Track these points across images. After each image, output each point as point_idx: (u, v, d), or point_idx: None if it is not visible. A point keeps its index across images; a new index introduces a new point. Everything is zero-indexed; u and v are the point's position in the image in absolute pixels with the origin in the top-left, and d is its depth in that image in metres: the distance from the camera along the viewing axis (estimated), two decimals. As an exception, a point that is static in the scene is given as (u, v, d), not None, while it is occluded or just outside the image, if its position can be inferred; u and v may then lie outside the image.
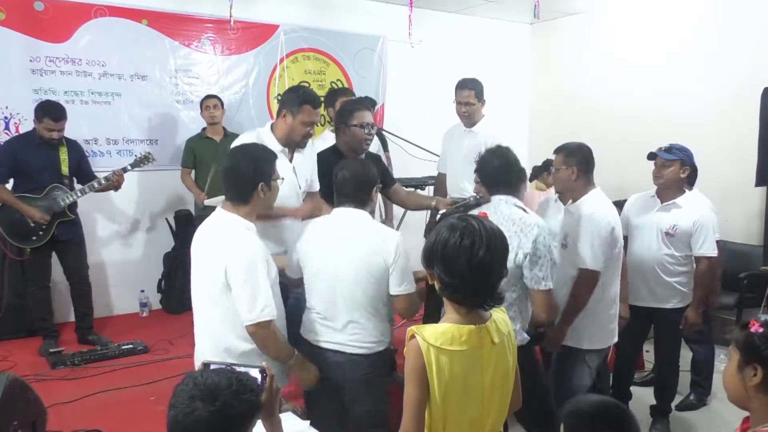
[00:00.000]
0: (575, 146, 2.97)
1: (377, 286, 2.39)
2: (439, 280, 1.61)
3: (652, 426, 3.57)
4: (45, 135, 3.99)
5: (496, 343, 1.64)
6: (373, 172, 2.54)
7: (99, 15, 4.80)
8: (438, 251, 1.59)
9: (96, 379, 3.69)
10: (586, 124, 6.01)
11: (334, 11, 5.87)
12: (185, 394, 1.30)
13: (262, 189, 2.28)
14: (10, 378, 2.19)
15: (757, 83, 4.75)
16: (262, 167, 2.31)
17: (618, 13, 6.22)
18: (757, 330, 1.45)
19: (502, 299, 1.65)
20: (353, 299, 2.39)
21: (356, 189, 2.46)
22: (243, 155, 2.36)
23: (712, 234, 3.39)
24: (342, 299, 2.40)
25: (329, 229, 2.48)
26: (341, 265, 2.39)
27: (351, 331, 2.41)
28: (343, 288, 2.39)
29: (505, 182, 2.67)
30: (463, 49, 6.47)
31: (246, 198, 2.29)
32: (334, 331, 2.43)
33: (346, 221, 2.46)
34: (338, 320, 2.42)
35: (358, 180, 2.47)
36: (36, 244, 4.00)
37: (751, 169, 4.70)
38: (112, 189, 4.27)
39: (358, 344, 2.42)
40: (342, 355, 2.42)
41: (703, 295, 3.44)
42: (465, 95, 4.09)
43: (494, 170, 2.69)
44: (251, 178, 2.27)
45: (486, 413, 1.67)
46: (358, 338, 2.42)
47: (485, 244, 1.57)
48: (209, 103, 4.80)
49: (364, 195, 2.48)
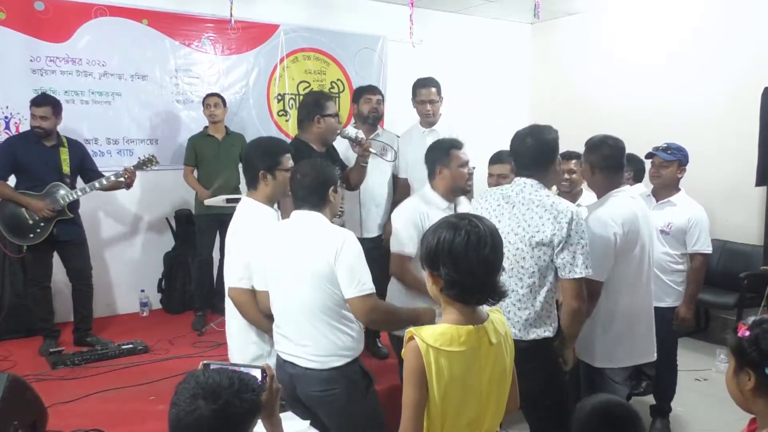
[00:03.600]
0: (597, 141, 2.83)
1: (329, 292, 2.20)
2: (446, 280, 1.60)
3: (651, 426, 3.57)
4: (31, 123, 3.98)
5: (493, 343, 1.64)
6: (329, 172, 2.39)
7: (99, 15, 4.80)
8: (444, 251, 1.58)
9: (96, 379, 3.69)
10: (586, 124, 5.99)
11: (334, 11, 5.87)
12: (187, 392, 1.31)
13: (264, 177, 2.47)
14: (10, 378, 2.19)
15: (757, 83, 4.76)
16: (267, 158, 2.49)
17: (618, 13, 6.22)
18: (744, 334, 1.42)
19: (505, 293, 1.66)
20: (303, 307, 2.22)
21: (310, 191, 2.32)
22: (253, 145, 2.61)
23: (706, 231, 3.41)
24: (293, 308, 2.25)
25: (284, 233, 2.35)
26: (290, 270, 2.25)
27: (303, 342, 2.24)
28: (294, 295, 2.25)
29: (534, 164, 2.48)
30: (463, 49, 6.48)
31: (253, 184, 2.50)
32: (289, 342, 2.28)
33: (298, 225, 2.33)
34: (290, 329, 2.27)
35: (313, 181, 2.33)
36: (33, 242, 3.99)
37: (751, 169, 4.71)
38: (123, 187, 4.25)
39: (310, 357, 2.23)
40: (296, 368, 2.26)
41: (696, 291, 3.45)
42: (432, 93, 4.00)
43: (525, 150, 2.50)
44: (255, 166, 2.49)
45: (483, 414, 1.67)
46: (310, 350, 2.23)
47: (490, 241, 1.60)
48: (210, 101, 4.80)
49: (319, 197, 2.32)
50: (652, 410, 3.62)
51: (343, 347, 2.24)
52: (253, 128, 5.49)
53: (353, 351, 2.28)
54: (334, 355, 2.22)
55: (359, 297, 2.17)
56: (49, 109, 4.00)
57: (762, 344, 1.39)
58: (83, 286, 4.27)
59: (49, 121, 4.00)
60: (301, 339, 2.24)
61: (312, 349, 2.22)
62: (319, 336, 2.21)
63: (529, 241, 2.38)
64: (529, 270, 2.39)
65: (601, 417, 1.56)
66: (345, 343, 2.24)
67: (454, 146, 2.89)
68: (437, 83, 4.08)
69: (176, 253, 5.17)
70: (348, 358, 2.25)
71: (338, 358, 2.23)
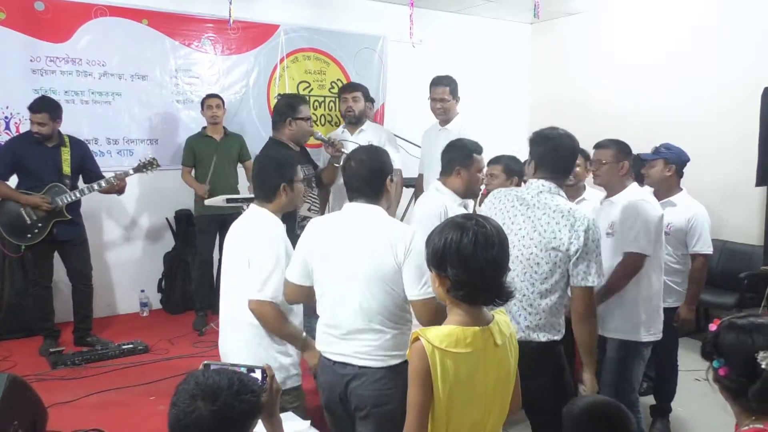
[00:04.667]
0: (623, 142, 3.01)
1: (389, 290, 2.10)
2: (454, 281, 1.59)
3: (652, 426, 3.57)
4: (33, 129, 3.99)
5: (498, 345, 1.64)
6: (386, 160, 2.25)
7: (99, 15, 4.80)
8: (453, 252, 1.58)
9: (96, 379, 3.70)
10: (586, 124, 5.99)
11: (334, 11, 5.87)
12: (187, 393, 1.31)
13: (284, 189, 2.46)
14: (10, 378, 2.19)
15: (757, 83, 4.76)
16: (286, 171, 2.50)
17: (618, 13, 6.22)
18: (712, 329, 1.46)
19: (512, 294, 1.65)
20: (361, 305, 2.12)
21: (367, 181, 2.18)
22: (268, 159, 2.62)
23: (707, 231, 3.41)
24: (349, 305, 2.14)
25: (338, 227, 2.22)
26: (347, 266, 2.14)
27: (359, 341, 2.13)
28: (350, 292, 2.13)
29: (551, 167, 2.45)
30: (463, 49, 6.48)
31: (270, 197, 2.48)
32: (340, 341, 2.17)
33: (354, 218, 2.19)
34: (344, 328, 2.15)
35: (370, 170, 2.19)
36: (31, 242, 3.99)
37: (751, 169, 4.70)
38: (114, 193, 4.26)
39: (367, 356, 2.13)
40: (349, 368, 2.15)
41: (697, 292, 3.46)
42: (440, 92, 4.10)
43: (543, 151, 2.46)
44: (275, 179, 2.47)
45: (487, 415, 1.67)
46: (368, 349, 2.13)
47: (497, 241, 1.60)
48: (211, 102, 4.79)
49: (376, 187, 2.19)
50: (653, 410, 3.62)
51: (400, 347, 2.13)
52: (253, 128, 5.49)
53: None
54: (390, 354, 2.13)
55: (423, 300, 2.07)
56: (46, 116, 3.97)
57: (718, 340, 1.42)
58: (83, 286, 4.28)
59: (46, 127, 3.98)
60: (361, 338, 2.13)
61: (369, 348, 2.12)
62: (376, 335, 2.12)
63: (544, 246, 2.35)
64: (542, 275, 2.37)
65: (593, 416, 1.56)
66: (401, 343, 2.14)
67: (476, 151, 2.95)
68: (450, 82, 4.14)
69: (176, 253, 5.17)
70: (403, 357, 2.08)
71: (395, 357, 2.13)
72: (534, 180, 2.48)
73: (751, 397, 1.37)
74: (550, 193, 2.42)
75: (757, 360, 1.35)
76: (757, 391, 1.36)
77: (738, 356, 1.38)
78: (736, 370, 1.38)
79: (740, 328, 1.41)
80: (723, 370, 1.40)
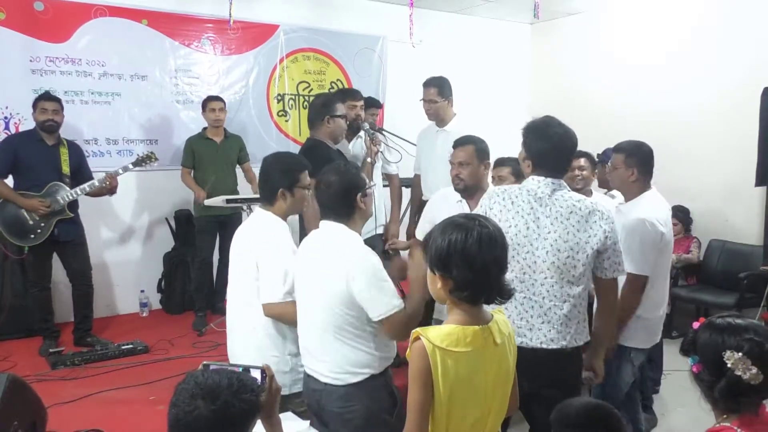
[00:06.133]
0: (635, 146, 2.88)
1: (346, 310, 2.08)
2: (458, 281, 1.59)
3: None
4: (41, 119, 4.00)
5: (498, 344, 1.64)
6: (354, 176, 2.23)
7: (99, 15, 4.81)
8: (458, 252, 1.57)
9: (96, 379, 3.70)
10: (585, 124, 5.97)
11: (334, 11, 5.87)
12: (186, 392, 1.31)
13: (282, 195, 2.43)
14: (10, 378, 2.18)
15: (757, 83, 4.76)
16: (287, 175, 2.46)
17: (618, 13, 6.22)
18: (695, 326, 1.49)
19: (511, 293, 1.66)
20: (320, 323, 2.13)
21: (335, 200, 2.18)
22: (272, 162, 2.53)
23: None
24: (312, 323, 2.17)
25: (311, 244, 2.25)
26: (311, 285, 2.17)
27: (322, 357, 2.14)
28: (312, 311, 2.16)
29: (553, 166, 2.32)
30: (463, 49, 6.48)
31: (270, 200, 2.46)
32: (311, 356, 2.20)
33: (322, 237, 2.21)
34: (312, 344, 2.18)
35: (338, 190, 2.17)
36: (34, 242, 3.99)
37: (751, 169, 4.70)
38: (106, 194, 4.26)
39: (331, 373, 2.12)
40: (317, 383, 2.17)
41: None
42: (429, 93, 4.06)
43: (544, 150, 2.32)
44: (274, 183, 2.45)
45: (487, 414, 1.68)
46: (330, 366, 2.12)
47: (500, 241, 1.62)
48: (215, 105, 4.76)
49: (345, 205, 2.18)
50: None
51: (359, 364, 2.11)
52: (253, 128, 5.50)
53: (370, 368, 2.13)
54: (350, 372, 2.11)
55: (386, 317, 2.04)
56: (58, 104, 4.07)
57: (696, 338, 1.48)
58: (83, 287, 4.28)
59: (59, 116, 4.07)
60: (321, 354, 2.15)
61: (330, 365, 2.13)
62: (334, 352, 2.11)
63: (581, 248, 2.24)
64: (577, 277, 2.26)
65: (585, 421, 1.56)
66: (361, 360, 2.11)
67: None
68: (439, 83, 4.05)
69: (176, 254, 5.17)
70: (365, 375, 2.12)
71: (355, 375, 2.11)
72: (537, 177, 2.31)
73: (717, 395, 1.44)
74: (564, 189, 2.31)
75: (723, 359, 1.40)
76: (722, 390, 1.42)
77: (709, 354, 1.44)
78: (707, 367, 1.44)
79: (715, 327, 1.46)
80: (696, 367, 1.46)
